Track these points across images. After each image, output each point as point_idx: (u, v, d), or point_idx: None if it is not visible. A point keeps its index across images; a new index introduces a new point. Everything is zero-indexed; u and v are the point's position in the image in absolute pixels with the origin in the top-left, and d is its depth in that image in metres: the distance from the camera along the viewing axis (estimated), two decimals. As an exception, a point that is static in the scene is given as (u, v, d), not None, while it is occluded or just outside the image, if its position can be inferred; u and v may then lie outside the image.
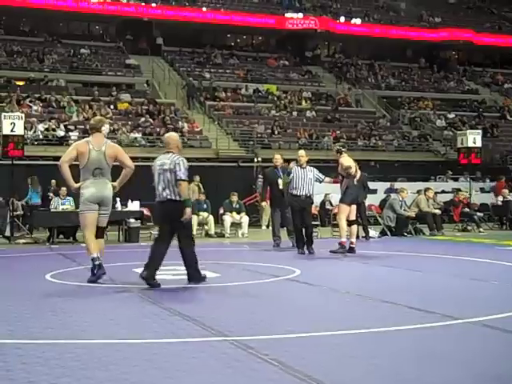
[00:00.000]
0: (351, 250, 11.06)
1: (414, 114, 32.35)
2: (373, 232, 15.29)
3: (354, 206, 11.31)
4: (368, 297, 6.52)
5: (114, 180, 7.97)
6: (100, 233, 7.75)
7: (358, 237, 12.31)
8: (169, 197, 7.52)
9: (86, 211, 7.61)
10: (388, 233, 15.75)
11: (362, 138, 28.27)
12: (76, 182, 7.75)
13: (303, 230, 11.53)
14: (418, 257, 11.03)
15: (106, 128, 8.29)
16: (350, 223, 11.31)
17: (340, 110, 31.08)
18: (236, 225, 16.43)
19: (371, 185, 21.66)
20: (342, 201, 11.23)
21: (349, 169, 10.90)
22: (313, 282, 7.78)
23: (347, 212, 11.13)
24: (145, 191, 16.95)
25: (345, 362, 4.08)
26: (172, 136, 8.31)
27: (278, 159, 13.28)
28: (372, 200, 17.83)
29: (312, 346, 4.52)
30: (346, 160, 11.09)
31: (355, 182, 11.10)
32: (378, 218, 16.92)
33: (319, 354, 4.24)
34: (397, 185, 20.42)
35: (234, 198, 16.62)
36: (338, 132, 28.24)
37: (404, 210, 15.85)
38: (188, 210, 7.42)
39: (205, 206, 16.34)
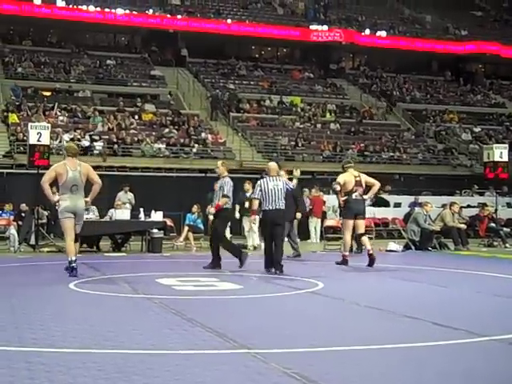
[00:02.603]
0: (371, 258, 11.07)
1: (440, 127, 32.12)
2: (396, 246, 15.17)
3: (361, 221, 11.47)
4: (392, 311, 6.44)
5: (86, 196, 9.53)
6: (75, 238, 9.30)
7: (351, 250, 12.39)
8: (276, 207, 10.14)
9: (65, 218, 9.18)
10: (412, 247, 15.60)
11: (387, 151, 28.12)
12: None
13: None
14: (442, 272, 10.89)
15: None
16: (360, 235, 11.61)
17: (364, 123, 30.98)
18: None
19: (395, 198, 21.64)
20: (344, 216, 11.48)
21: (335, 185, 11.42)
22: (336, 295, 7.72)
23: (351, 226, 11.34)
24: (168, 202, 17.14)
25: (369, 378, 4.01)
26: (272, 165, 10.68)
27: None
28: (396, 213, 17.74)
29: (336, 360, 4.46)
30: (341, 176, 11.41)
31: (354, 197, 11.26)
32: (402, 231, 16.79)
33: (343, 370, 4.18)
34: (421, 198, 20.22)
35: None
36: (362, 145, 28.13)
37: (428, 224, 15.70)
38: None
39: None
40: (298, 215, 10.77)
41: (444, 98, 36.29)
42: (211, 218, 11.14)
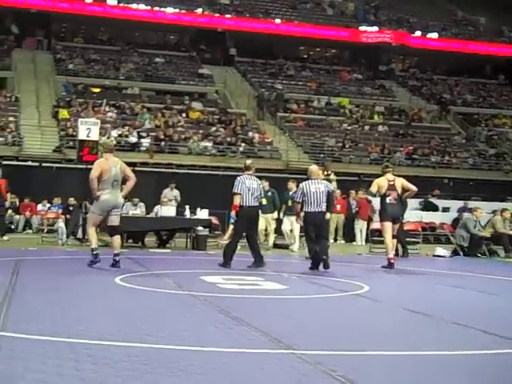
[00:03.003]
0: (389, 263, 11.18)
1: (492, 131, 31.44)
2: (444, 251, 14.89)
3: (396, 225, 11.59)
4: (440, 318, 6.28)
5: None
6: (114, 230, 9.81)
7: (396, 254, 12.34)
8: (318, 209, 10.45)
9: (98, 214, 9.76)
10: (460, 252, 15.27)
11: (436, 155, 27.66)
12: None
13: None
14: (491, 279, 10.63)
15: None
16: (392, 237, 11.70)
17: (413, 126, 30.55)
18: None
19: (443, 203, 21.26)
20: (382, 219, 11.60)
21: (367, 194, 12.39)
22: (381, 299, 7.59)
23: (390, 229, 11.41)
24: (213, 200, 17.16)
25: (417, 384, 3.90)
26: (313, 168, 11.18)
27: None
28: (444, 218, 17.41)
29: (381, 365, 4.36)
30: (374, 182, 11.66)
31: (388, 201, 11.39)
32: (451, 237, 16.47)
33: (389, 374, 4.08)
34: (471, 204, 19.84)
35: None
36: (411, 148, 27.75)
37: (478, 230, 15.35)
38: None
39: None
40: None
41: (496, 102, 35.50)
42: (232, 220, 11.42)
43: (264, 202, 13.92)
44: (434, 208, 20.64)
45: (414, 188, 11.74)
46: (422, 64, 38.67)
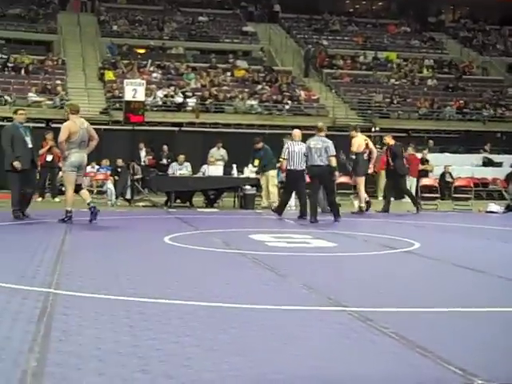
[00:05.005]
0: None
1: (547, 82, 30.33)
2: (497, 207, 14.55)
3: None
4: (491, 274, 6.15)
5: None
6: (78, 188, 10.39)
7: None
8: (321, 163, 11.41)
9: (70, 172, 10.22)
10: (514, 208, 14.91)
11: (488, 108, 26.88)
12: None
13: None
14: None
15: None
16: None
17: (464, 79, 29.68)
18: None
19: (496, 157, 20.72)
20: (357, 174, 13.49)
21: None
22: (433, 256, 7.45)
23: (363, 182, 13.46)
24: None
25: (470, 341, 3.81)
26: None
27: None
28: (496, 174, 16.99)
29: (433, 322, 4.28)
30: (356, 140, 13.42)
31: (365, 158, 13.44)
32: (504, 192, 16.09)
33: (441, 331, 4.00)
34: (525, 158, 19.30)
35: None
36: (462, 101, 27.02)
37: (533, 184, 14.95)
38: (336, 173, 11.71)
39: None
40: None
41: (552, 51, 34.14)
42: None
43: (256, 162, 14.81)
44: (490, 163, 20.14)
45: (375, 151, 14.01)
46: (473, 14, 37.32)
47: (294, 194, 13.00)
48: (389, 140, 14.22)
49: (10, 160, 10.59)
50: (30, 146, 10.81)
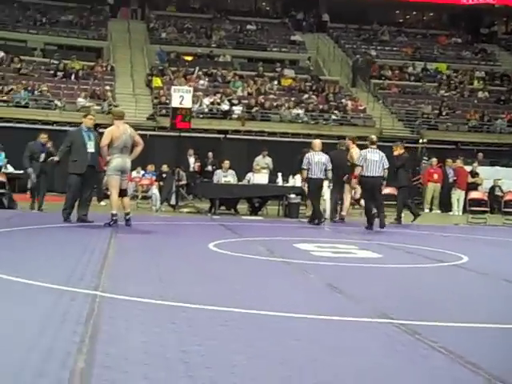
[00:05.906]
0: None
1: None
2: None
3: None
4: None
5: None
6: (123, 192, 10.49)
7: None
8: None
9: (113, 175, 10.32)
10: None
11: (540, 122, 26.28)
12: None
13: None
14: None
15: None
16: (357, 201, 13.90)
17: (516, 91, 29.12)
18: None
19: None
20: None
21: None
22: (482, 270, 7.27)
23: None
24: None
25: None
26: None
27: None
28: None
29: (484, 338, 4.15)
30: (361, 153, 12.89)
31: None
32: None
33: (492, 348, 3.89)
34: None
35: None
36: (513, 114, 26.49)
37: None
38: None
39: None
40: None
41: None
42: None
43: None
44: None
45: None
46: (526, 26, 36.67)
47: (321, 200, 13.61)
48: (397, 149, 14.10)
49: (70, 163, 10.80)
50: (92, 150, 10.77)
